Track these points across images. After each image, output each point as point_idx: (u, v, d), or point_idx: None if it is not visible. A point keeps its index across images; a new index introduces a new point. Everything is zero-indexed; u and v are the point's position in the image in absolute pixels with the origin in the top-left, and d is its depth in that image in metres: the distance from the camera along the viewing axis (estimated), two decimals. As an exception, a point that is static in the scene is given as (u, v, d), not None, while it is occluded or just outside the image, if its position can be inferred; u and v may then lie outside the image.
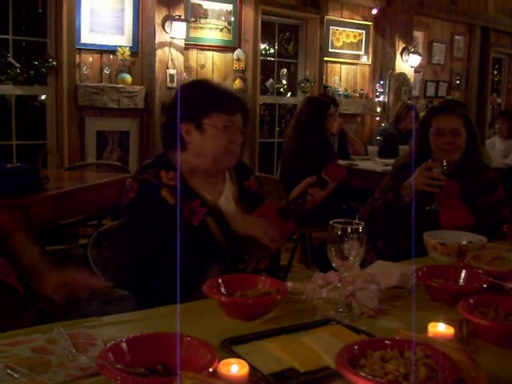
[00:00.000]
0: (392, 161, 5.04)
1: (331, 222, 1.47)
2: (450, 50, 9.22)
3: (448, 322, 1.37)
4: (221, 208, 2.10)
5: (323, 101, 5.05)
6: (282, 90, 7.41)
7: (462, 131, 2.66)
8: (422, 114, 5.31)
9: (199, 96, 2.08)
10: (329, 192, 2.07)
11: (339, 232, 1.45)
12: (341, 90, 7.56)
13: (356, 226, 1.46)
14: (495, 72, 10.59)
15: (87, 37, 5.49)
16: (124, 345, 1.14)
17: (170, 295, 1.51)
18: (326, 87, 7.39)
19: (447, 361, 1.11)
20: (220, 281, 1.56)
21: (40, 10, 5.33)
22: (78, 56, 5.45)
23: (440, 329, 1.34)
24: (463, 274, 1.76)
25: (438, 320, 1.37)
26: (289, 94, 7.52)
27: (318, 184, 2.04)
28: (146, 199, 2.00)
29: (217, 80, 6.30)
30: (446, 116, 2.69)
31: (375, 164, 5.57)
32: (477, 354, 1.28)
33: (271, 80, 7.23)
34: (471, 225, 2.49)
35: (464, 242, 2.13)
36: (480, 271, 1.78)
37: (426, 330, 1.34)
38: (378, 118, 7.93)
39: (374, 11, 7.79)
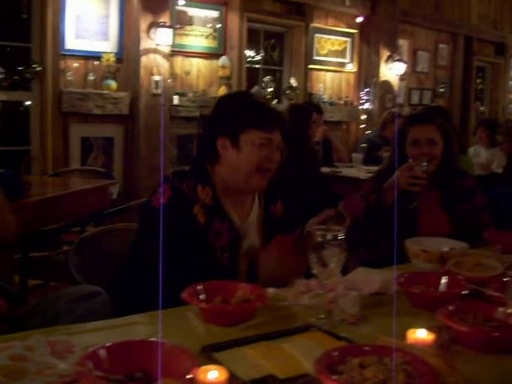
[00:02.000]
0: (376, 168, 5.06)
1: (311, 229, 1.48)
2: (434, 59, 9.30)
3: (428, 328, 1.38)
4: (246, 233, 2.07)
5: (305, 108, 5.07)
6: (267, 97, 7.42)
7: (437, 141, 2.67)
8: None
9: (237, 111, 2.04)
10: (346, 227, 2.05)
11: (319, 239, 1.46)
12: (326, 98, 7.60)
13: (336, 233, 1.46)
14: (478, 80, 10.69)
15: (72, 42, 5.48)
16: (103, 351, 1.14)
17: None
18: (310, 94, 7.42)
19: (426, 367, 1.12)
20: (200, 288, 1.56)
21: (24, 16, 5.30)
22: (62, 62, 5.43)
23: (419, 335, 1.34)
24: (444, 281, 1.77)
25: (418, 326, 1.37)
26: (274, 101, 7.54)
27: (335, 218, 2.01)
28: (177, 210, 1.93)
29: (202, 87, 6.32)
30: (422, 126, 2.70)
31: (359, 171, 5.59)
32: (456, 360, 1.29)
33: (256, 87, 7.24)
34: (451, 233, 2.50)
35: (446, 249, 2.14)
36: (461, 278, 1.79)
37: (406, 336, 1.35)
38: (362, 126, 7.96)
39: (359, 19, 7.84)
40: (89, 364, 1.09)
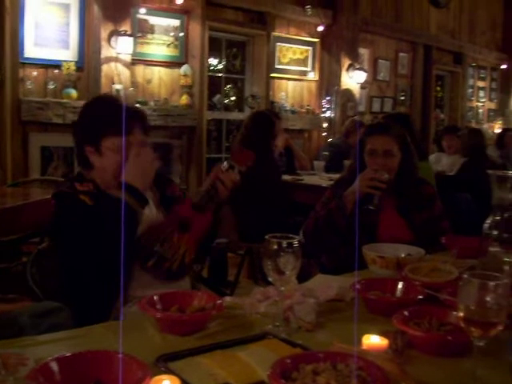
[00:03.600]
0: (338, 175, 5.10)
1: (266, 237, 1.49)
2: (394, 67, 9.42)
3: (384, 333, 1.40)
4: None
5: (269, 116, 5.05)
6: (229, 105, 7.44)
7: (395, 152, 2.70)
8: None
9: (94, 119, 2.12)
10: (238, 178, 2.10)
11: (275, 246, 1.46)
12: (288, 106, 7.62)
13: (291, 241, 1.47)
14: (438, 88, 10.88)
15: (31, 51, 5.40)
16: (54, 364, 1.12)
17: (100, 306, 1.51)
18: (272, 103, 7.44)
19: (378, 372, 1.13)
20: (156, 297, 1.55)
21: (-18, 24, 5.22)
22: (21, 70, 5.34)
23: (374, 341, 1.36)
24: (400, 286, 1.80)
25: (375, 332, 1.39)
26: (236, 109, 7.56)
27: (227, 171, 2.08)
28: (65, 208, 2.03)
29: (163, 95, 6.29)
30: (380, 137, 2.73)
31: (321, 179, 5.63)
32: (410, 365, 1.31)
33: (218, 95, 7.25)
34: (411, 240, 2.53)
35: (402, 255, 2.17)
36: (417, 283, 1.82)
37: (361, 342, 1.36)
38: (324, 134, 8.02)
39: (320, 28, 7.90)
40: (39, 377, 1.07)
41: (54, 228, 2.11)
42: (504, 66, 11.82)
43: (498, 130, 10.64)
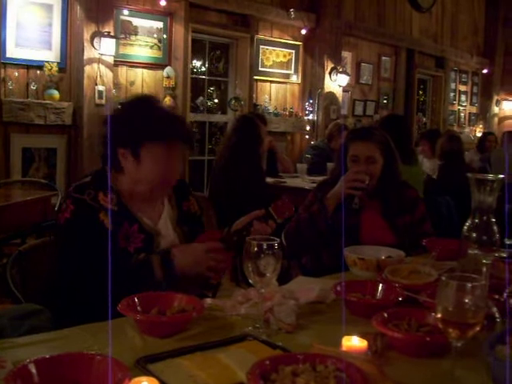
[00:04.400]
0: (320, 178, 5.11)
1: (247, 239, 1.49)
2: (377, 71, 9.48)
3: (364, 335, 1.41)
4: (160, 232, 2.06)
5: (255, 120, 5.02)
6: (212, 107, 7.44)
7: (377, 158, 2.70)
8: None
9: (136, 123, 1.97)
10: (273, 228, 2.05)
11: (255, 248, 1.47)
12: (271, 109, 7.65)
13: (271, 242, 1.48)
14: (420, 92, 10.96)
15: (13, 51, 5.36)
16: (32, 366, 1.11)
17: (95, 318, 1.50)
18: (256, 105, 7.46)
19: (358, 373, 1.14)
20: (136, 299, 1.55)
21: (-37, 23, 5.18)
22: (2, 71, 5.31)
23: (353, 342, 1.36)
24: (380, 288, 1.81)
25: (355, 333, 1.40)
26: (219, 112, 7.56)
27: (264, 218, 2.02)
28: (82, 222, 1.92)
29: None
30: (362, 143, 2.73)
31: (303, 181, 5.64)
32: (389, 366, 1.32)
33: (201, 98, 7.25)
34: (393, 242, 2.55)
35: (383, 257, 2.19)
36: (396, 285, 1.83)
37: (341, 343, 1.37)
38: (307, 136, 8.05)
39: (304, 31, 7.93)
40: (18, 380, 1.07)
41: (60, 229, 2.00)
42: (485, 71, 11.94)
43: (479, 134, 10.74)
